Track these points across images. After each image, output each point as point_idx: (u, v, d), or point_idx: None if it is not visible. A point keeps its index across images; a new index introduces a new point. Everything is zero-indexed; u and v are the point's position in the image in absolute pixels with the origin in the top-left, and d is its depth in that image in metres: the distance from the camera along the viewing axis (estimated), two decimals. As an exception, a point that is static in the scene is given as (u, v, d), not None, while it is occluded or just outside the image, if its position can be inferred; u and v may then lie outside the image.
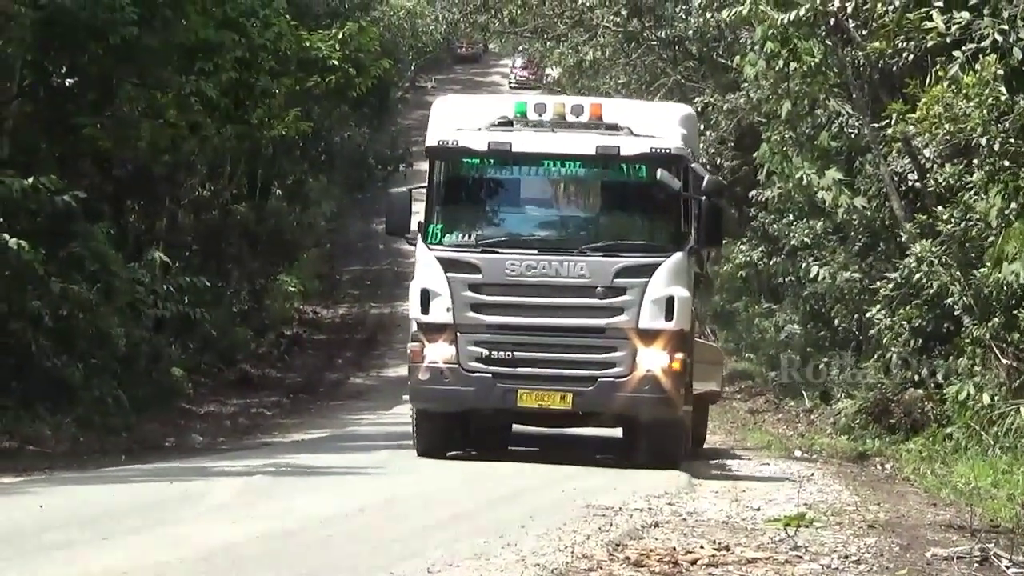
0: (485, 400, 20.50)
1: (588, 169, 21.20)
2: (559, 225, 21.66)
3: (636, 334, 20.15)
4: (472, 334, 20.34)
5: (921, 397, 26.42)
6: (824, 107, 29.88)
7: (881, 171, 27.86)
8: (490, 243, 20.72)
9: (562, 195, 21.97)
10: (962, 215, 23.12)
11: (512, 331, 20.41)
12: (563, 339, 20.39)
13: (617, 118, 21.67)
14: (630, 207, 21.81)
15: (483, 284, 20.34)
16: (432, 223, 20.83)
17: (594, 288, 20.16)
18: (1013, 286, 20.20)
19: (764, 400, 36.60)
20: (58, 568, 11.59)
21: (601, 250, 20.50)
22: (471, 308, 20.31)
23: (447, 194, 21.20)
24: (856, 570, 12.54)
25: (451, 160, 21.15)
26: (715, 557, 12.91)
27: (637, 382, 20.13)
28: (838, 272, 31.10)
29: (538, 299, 20.30)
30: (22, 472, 19.84)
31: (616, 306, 20.20)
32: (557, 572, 11.82)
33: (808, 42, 26.76)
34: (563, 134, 21.09)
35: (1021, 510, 16.00)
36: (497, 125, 21.37)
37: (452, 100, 24.33)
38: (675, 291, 20.27)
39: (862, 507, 17.54)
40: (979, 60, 15.57)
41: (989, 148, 16.81)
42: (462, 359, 20.31)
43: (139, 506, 15.80)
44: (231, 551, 12.54)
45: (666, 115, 23.14)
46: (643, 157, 20.64)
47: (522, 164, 21.13)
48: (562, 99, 23.31)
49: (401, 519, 14.79)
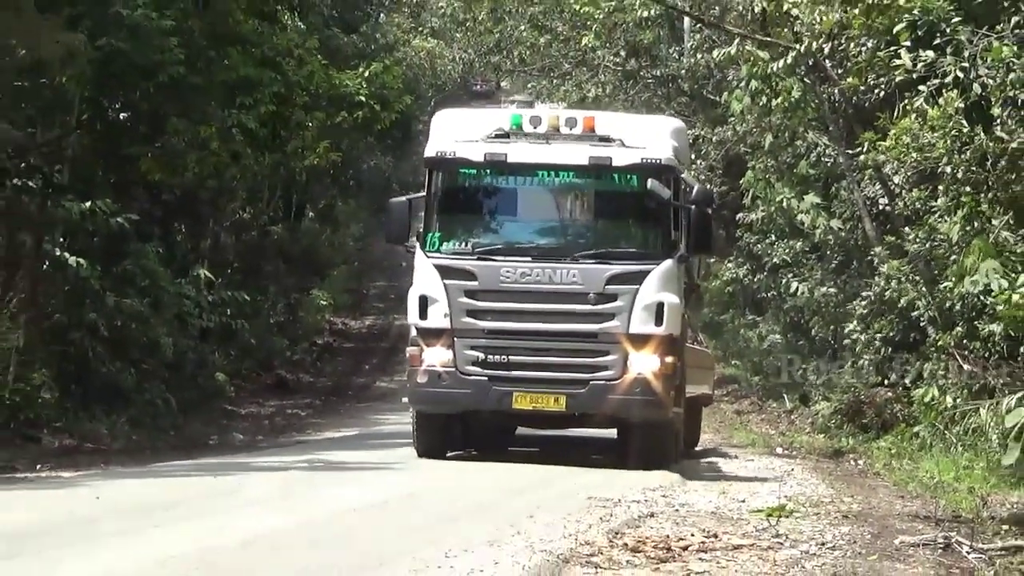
0: (481, 402, 19.81)
1: (581, 179, 20.47)
2: (553, 233, 20.75)
3: (627, 339, 19.48)
4: (469, 338, 19.69)
5: (890, 399, 26.39)
6: (803, 138, 29.88)
7: (855, 196, 27.84)
8: (486, 251, 19.99)
9: (556, 204, 21.09)
10: (928, 236, 23.10)
11: (507, 336, 19.75)
12: (556, 343, 19.69)
13: (609, 130, 20.86)
14: (622, 216, 20.97)
15: (479, 290, 19.68)
16: (430, 232, 20.12)
17: (587, 294, 19.48)
18: (973, 299, 20.17)
19: (749, 402, 36.56)
20: (113, 554, 11.57)
21: (593, 257, 19.81)
22: (467, 313, 19.67)
23: (444, 203, 20.42)
24: (831, 556, 12.50)
25: (449, 170, 20.44)
26: (704, 544, 12.89)
27: (628, 385, 19.48)
28: (815, 287, 31.17)
29: (532, 305, 19.60)
30: (81, 467, 19.84)
31: (608, 312, 19.52)
32: (562, 557, 11.80)
33: (788, 80, 26.74)
34: (557, 145, 20.38)
35: (980, 502, 15.95)
36: (493, 137, 20.65)
37: (451, 113, 23.16)
38: (665, 297, 19.61)
39: (837, 499, 17.50)
40: (942, 95, 15.53)
41: (952, 175, 16.80)
42: (459, 363, 19.66)
43: (186, 498, 15.80)
44: (269, 538, 12.54)
45: (657, 128, 22.26)
46: (634, 167, 20.00)
47: (517, 174, 20.45)
48: (556, 112, 22.71)
49: (421, 510, 14.77)
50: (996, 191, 16.42)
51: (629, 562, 11.85)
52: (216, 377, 32.39)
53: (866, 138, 19.70)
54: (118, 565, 11.00)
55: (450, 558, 11.22)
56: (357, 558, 11.57)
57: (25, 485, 17.25)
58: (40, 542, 12.22)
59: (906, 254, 24.49)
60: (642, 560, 11.97)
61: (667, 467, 19.71)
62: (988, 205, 16.92)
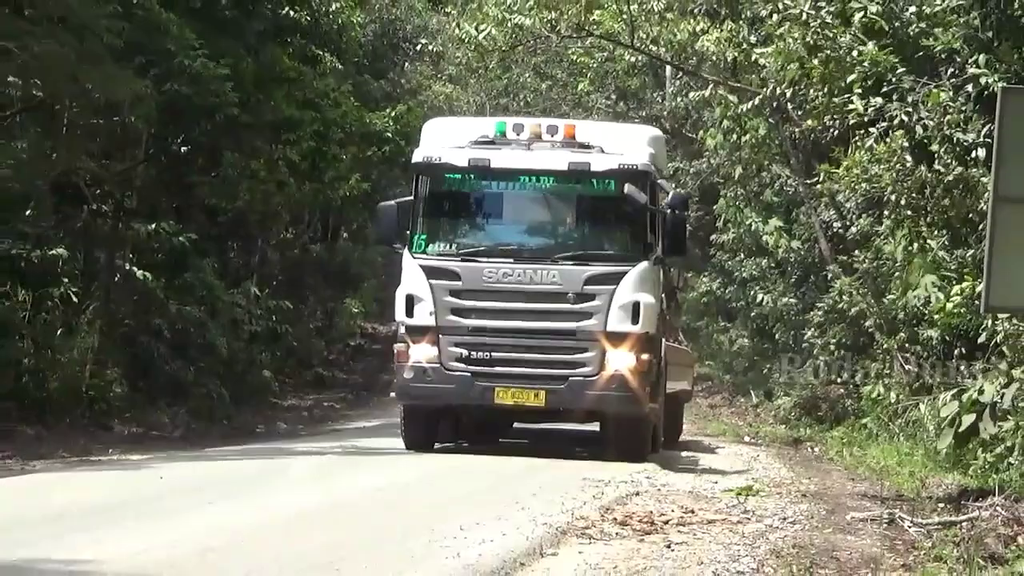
0: (464, 397, 18.31)
1: (561, 184, 18.92)
2: (534, 235, 19.25)
3: (604, 337, 17.99)
4: (453, 336, 18.20)
5: (842, 395, 26.43)
6: (768, 170, 29.88)
7: (812, 220, 27.83)
8: (469, 252, 18.56)
9: (537, 208, 19.46)
10: (875, 255, 23.10)
11: (489, 333, 18.20)
12: (537, 341, 18.18)
13: (589, 138, 19.42)
14: (600, 219, 19.39)
15: (463, 290, 18.26)
16: (416, 233, 18.70)
17: (565, 294, 18.05)
18: (914, 309, 20.16)
19: (720, 397, 36.55)
20: (174, 525, 11.62)
21: (572, 259, 18.35)
22: (452, 312, 18.22)
23: (430, 207, 18.98)
24: (792, 529, 12.53)
25: (434, 175, 18.96)
26: (683, 518, 12.92)
27: (605, 381, 17.99)
28: (778, 299, 31.17)
29: (514, 304, 18.16)
30: (146, 452, 19.87)
31: (586, 311, 18.06)
32: (560, 529, 11.85)
33: (756, 120, 26.77)
34: (538, 151, 18.94)
35: (920, 484, 15.97)
36: (478, 143, 19.19)
37: (441, 121, 21.76)
38: (641, 297, 18.16)
39: (796, 481, 17.54)
40: (889, 135, 15.56)
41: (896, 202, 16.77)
42: (443, 359, 18.18)
43: (236, 478, 15.85)
44: (307, 513, 12.58)
45: (635, 135, 20.71)
46: (612, 172, 18.49)
47: (500, 179, 18.92)
48: (539, 120, 20.92)
49: (438, 490, 14.78)
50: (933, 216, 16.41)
51: (618, 534, 11.88)
52: (263, 374, 32.37)
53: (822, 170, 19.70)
54: (178, 535, 11.04)
55: (464, 530, 11.25)
56: (383, 532, 11.62)
57: (99, 467, 17.29)
58: (112, 515, 12.28)
59: (856, 271, 24.48)
60: (629, 532, 12.00)
61: (645, 459, 18.31)
62: (926, 228, 16.90)
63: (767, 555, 10.82)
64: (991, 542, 11.19)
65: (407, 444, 19.10)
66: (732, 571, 10.15)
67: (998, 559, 10.57)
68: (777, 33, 17.63)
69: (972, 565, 10.00)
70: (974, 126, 14.84)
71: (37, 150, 23.47)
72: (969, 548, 10.87)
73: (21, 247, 24.18)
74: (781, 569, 10.06)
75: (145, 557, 9.66)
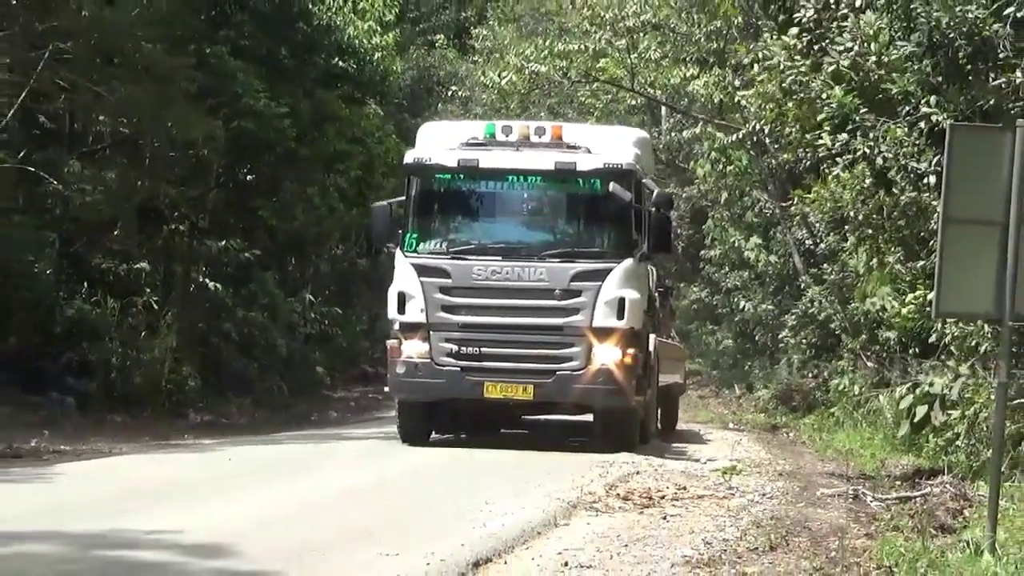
0: (455, 391, 16.52)
1: (548, 183, 17.07)
2: (521, 234, 17.26)
3: (591, 332, 16.21)
4: (443, 332, 16.39)
5: (813, 388, 26.31)
6: (749, 195, 29.81)
7: (787, 238, 27.76)
8: (459, 250, 16.70)
9: (524, 207, 17.51)
10: (840, 268, 23.04)
11: (479, 329, 16.40)
12: (525, 336, 16.38)
13: (576, 139, 17.63)
14: (586, 217, 17.52)
15: (453, 287, 16.41)
16: (408, 233, 16.82)
17: (552, 291, 16.24)
18: (874, 314, 20.11)
19: (708, 390, 36.41)
20: (242, 499, 11.67)
21: (559, 256, 16.55)
22: (442, 309, 16.40)
23: (421, 207, 17.03)
24: (770, 503, 12.52)
25: (425, 176, 17.09)
26: (676, 494, 12.92)
27: (592, 375, 16.22)
28: (758, 305, 31.05)
29: (502, 301, 16.31)
30: (217, 436, 19.92)
31: (572, 307, 16.25)
32: (571, 503, 11.86)
33: (739, 152, 26.78)
34: (526, 152, 17.04)
35: (880, 464, 15.93)
36: (468, 144, 17.38)
37: (435, 125, 20.03)
38: (626, 293, 16.39)
39: (774, 461, 17.48)
40: (854, 166, 15.55)
41: (858, 222, 16.75)
42: (434, 354, 16.34)
43: (294, 459, 15.87)
44: (353, 490, 12.61)
45: (621, 137, 18.97)
46: (597, 172, 16.69)
47: (488, 179, 17.03)
48: (527, 122, 18.84)
49: (465, 471, 14.71)
50: (891, 234, 16.34)
51: (621, 507, 11.89)
52: (316, 370, 32.46)
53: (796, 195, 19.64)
54: (245, 508, 11.08)
55: (488, 505, 11.27)
56: (417, 505, 11.64)
57: (176, 450, 17.34)
58: (188, 491, 12.33)
59: (824, 281, 24.42)
60: (631, 506, 12.01)
61: (634, 449, 16.71)
62: (885, 245, 16.84)
63: (749, 525, 10.82)
64: (941, 514, 11.19)
65: (403, 437, 17.37)
66: (719, 539, 10.15)
67: (947, 529, 10.58)
68: (757, 79, 17.59)
69: (925, 534, 10.00)
70: (926, 157, 14.80)
71: (124, 179, 23.60)
72: (922, 520, 10.88)
73: (110, 262, 24.49)
74: (761, 537, 10.06)
75: (217, 527, 9.70)
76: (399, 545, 9.06)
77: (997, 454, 9.44)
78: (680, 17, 27.80)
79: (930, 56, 15.03)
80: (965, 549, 9.13)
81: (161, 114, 21.96)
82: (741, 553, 9.49)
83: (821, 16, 16.20)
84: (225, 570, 8.14)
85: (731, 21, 25.30)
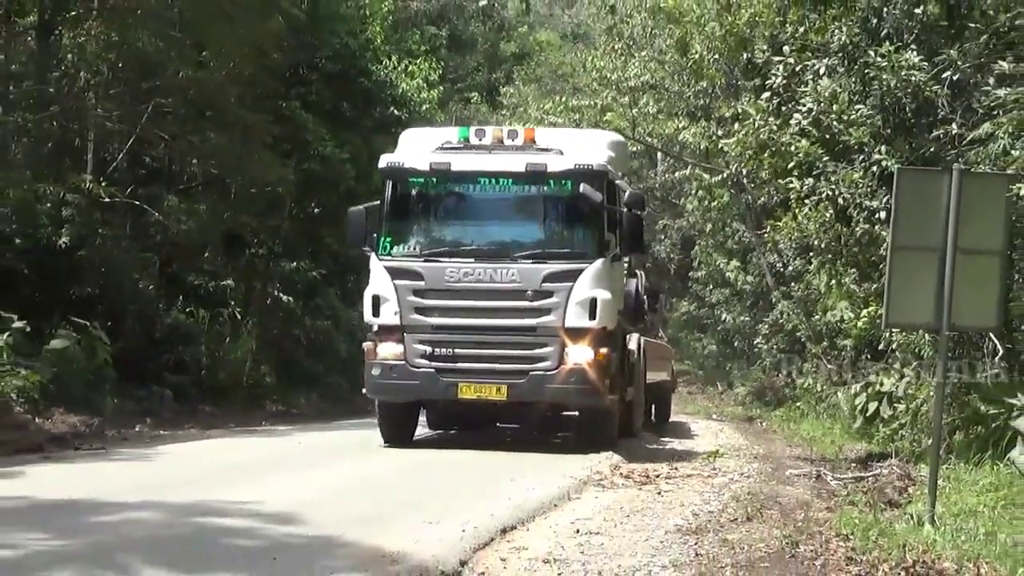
0: (429, 392, 14.29)
1: (519, 185, 14.45)
2: (494, 236, 14.62)
3: (563, 332, 13.85)
4: (417, 334, 14.10)
5: (783, 386, 26.31)
6: (730, 226, 29.81)
7: (761, 261, 27.74)
8: (432, 253, 14.31)
9: (496, 209, 14.83)
10: (805, 287, 23.01)
11: (452, 331, 14.07)
12: (498, 337, 13.99)
13: (549, 142, 15.09)
14: (557, 218, 14.83)
15: (426, 290, 14.10)
16: (382, 236, 14.50)
17: (525, 292, 13.88)
18: (833, 325, 20.09)
19: (695, 387, 36.36)
20: (311, 475, 11.72)
21: (531, 257, 14.09)
22: (415, 311, 14.09)
23: (395, 210, 14.70)
24: (748, 481, 12.50)
25: (399, 179, 14.76)
26: (669, 473, 12.93)
27: (565, 375, 13.86)
28: (737, 317, 31.12)
29: (475, 302, 13.97)
30: (289, 424, 19.99)
31: (545, 307, 13.88)
32: (581, 480, 11.87)
33: (721, 191, 26.79)
34: (498, 155, 14.61)
35: (838, 449, 15.90)
36: (442, 148, 14.99)
37: (416, 131, 17.25)
38: (598, 293, 13.96)
39: (750, 447, 17.48)
40: (819, 204, 15.58)
41: (820, 249, 16.76)
42: (409, 356, 14.09)
43: (353, 444, 15.65)
44: (402, 469, 12.62)
45: (595, 140, 16.29)
46: (568, 173, 14.20)
47: (461, 182, 14.60)
48: (501, 127, 16.32)
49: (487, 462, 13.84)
50: (847, 259, 16.36)
51: (623, 484, 11.90)
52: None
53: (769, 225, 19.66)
54: (314, 483, 11.13)
55: (513, 482, 11.28)
56: (453, 483, 11.59)
57: (255, 434, 17.39)
58: (266, 468, 12.38)
59: (792, 297, 24.41)
60: (631, 483, 12.03)
61: (613, 447, 14.69)
62: (842, 268, 16.85)
63: (729, 499, 10.82)
64: (889, 492, 11.19)
65: (384, 439, 15.12)
66: (704, 511, 10.16)
67: (894, 504, 10.59)
68: (737, 131, 17.63)
69: (876, 508, 10.01)
70: (878, 196, 14.81)
71: (213, 211, 23.70)
72: (874, 496, 10.88)
73: (201, 279, 24.61)
74: (740, 510, 10.06)
75: (290, 498, 9.74)
76: (440, 514, 9.08)
77: (936, 441, 9.45)
78: (673, 79, 28.04)
79: (881, 113, 15.07)
80: (909, 521, 9.14)
81: (244, 158, 22.11)
82: (723, 523, 9.50)
83: (790, 81, 16.30)
84: (296, 534, 8.18)
85: (715, 83, 25.36)
